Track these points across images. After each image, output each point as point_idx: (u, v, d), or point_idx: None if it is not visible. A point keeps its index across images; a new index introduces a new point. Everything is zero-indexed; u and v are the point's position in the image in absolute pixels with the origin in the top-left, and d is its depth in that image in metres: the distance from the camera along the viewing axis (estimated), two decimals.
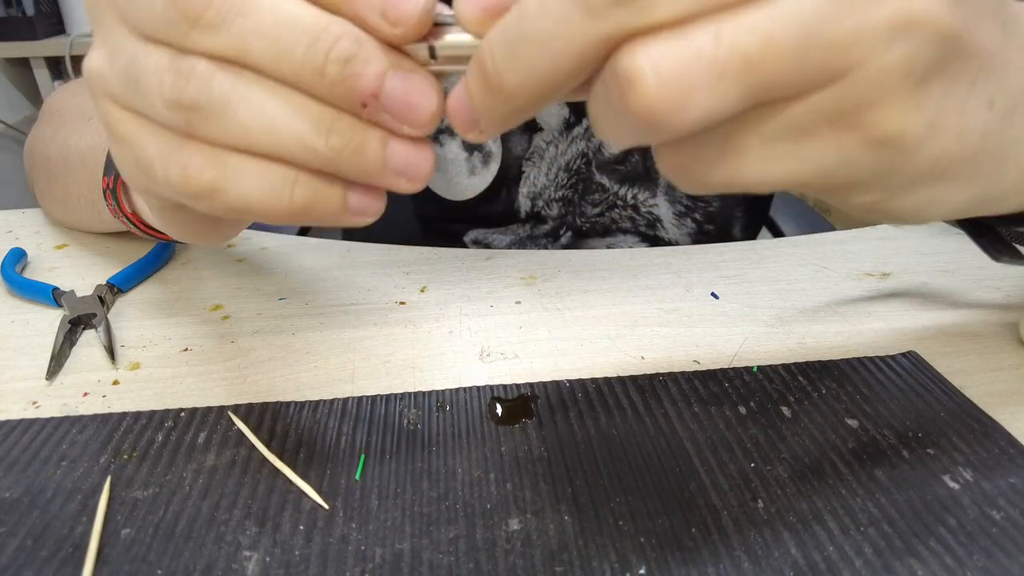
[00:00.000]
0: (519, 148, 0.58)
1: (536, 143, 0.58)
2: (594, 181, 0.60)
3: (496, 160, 0.58)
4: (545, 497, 0.27)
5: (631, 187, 0.60)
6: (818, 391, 0.34)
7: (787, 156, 0.18)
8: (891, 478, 0.28)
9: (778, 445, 0.30)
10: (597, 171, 0.60)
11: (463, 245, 0.64)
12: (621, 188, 0.60)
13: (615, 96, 0.17)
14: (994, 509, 0.27)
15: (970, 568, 0.24)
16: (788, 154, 0.18)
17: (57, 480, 0.28)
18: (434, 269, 0.46)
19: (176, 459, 0.29)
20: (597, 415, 0.32)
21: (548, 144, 0.58)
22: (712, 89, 0.16)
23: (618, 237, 0.63)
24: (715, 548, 0.25)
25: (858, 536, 0.26)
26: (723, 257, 0.48)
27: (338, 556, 0.25)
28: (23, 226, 0.52)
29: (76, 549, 0.25)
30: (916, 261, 0.47)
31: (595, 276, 0.46)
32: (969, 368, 0.36)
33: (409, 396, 0.33)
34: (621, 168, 0.59)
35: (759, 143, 0.18)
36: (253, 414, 0.32)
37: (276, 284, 0.44)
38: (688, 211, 0.61)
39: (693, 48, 0.16)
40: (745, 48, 0.16)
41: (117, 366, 0.36)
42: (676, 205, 0.61)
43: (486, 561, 0.25)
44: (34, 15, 1.60)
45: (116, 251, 0.48)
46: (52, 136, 0.47)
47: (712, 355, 0.37)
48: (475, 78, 0.18)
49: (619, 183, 0.60)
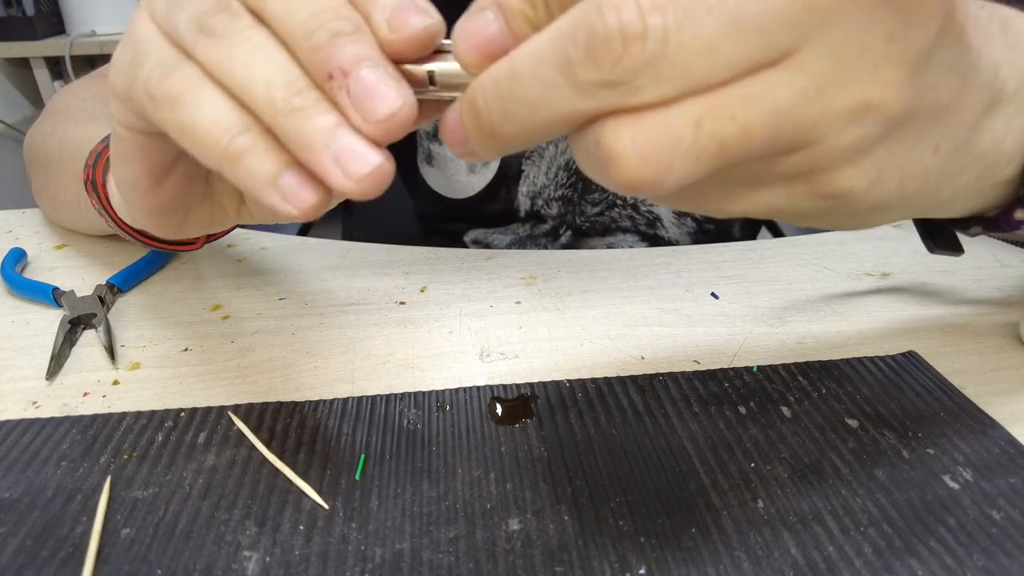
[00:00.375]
0: None
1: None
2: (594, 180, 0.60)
3: (496, 159, 0.58)
4: (545, 497, 0.27)
5: None
6: (818, 391, 0.34)
7: (745, 199, 0.20)
8: (891, 478, 0.28)
9: (778, 445, 0.30)
10: None
11: (463, 245, 0.64)
12: None
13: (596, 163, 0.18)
14: (994, 509, 0.27)
15: (970, 568, 0.24)
16: (746, 197, 0.20)
17: (57, 480, 0.28)
18: (434, 269, 0.46)
19: (176, 459, 0.29)
20: (597, 415, 0.32)
21: (548, 143, 0.58)
22: (688, 167, 0.17)
23: (618, 236, 0.63)
24: (715, 548, 0.25)
25: (858, 536, 0.26)
26: (723, 257, 0.48)
27: (338, 556, 0.25)
28: (23, 226, 0.52)
29: (76, 549, 0.25)
30: (916, 261, 0.47)
31: (595, 276, 0.46)
32: (969, 368, 0.36)
33: (409, 396, 0.33)
34: None
35: (719, 186, 0.20)
36: (253, 414, 0.32)
37: (276, 284, 0.44)
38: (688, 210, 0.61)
39: (674, 133, 0.17)
40: (723, 135, 0.17)
41: (117, 366, 0.36)
42: None
43: (486, 561, 0.25)
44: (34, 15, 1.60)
45: (116, 251, 0.48)
46: (52, 132, 0.47)
47: (712, 355, 0.37)
48: (469, 115, 0.19)
49: None
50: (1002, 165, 0.25)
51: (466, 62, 0.19)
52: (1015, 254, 0.48)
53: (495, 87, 0.18)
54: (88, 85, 0.54)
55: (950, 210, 0.27)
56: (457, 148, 0.20)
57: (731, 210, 0.21)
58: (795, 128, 0.17)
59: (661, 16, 0.16)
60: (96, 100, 0.50)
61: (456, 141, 0.20)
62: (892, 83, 0.18)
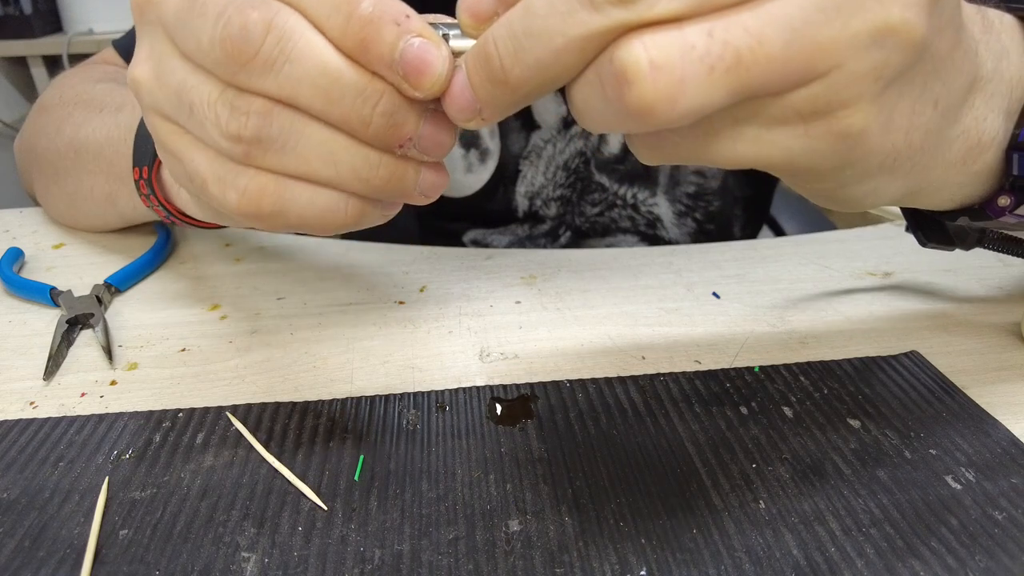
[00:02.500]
0: (516, 146, 0.58)
1: (534, 141, 0.57)
2: (593, 180, 0.60)
3: (494, 158, 0.58)
4: (545, 498, 0.27)
5: (631, 186, 0.60)
6: (820, 391, 0.33)
7: (757, 140, 0.19)
8: (893, 478, 0.28)
9: (780, 445, 0.30)
10: (596, 170, 0.59)
11: (462, 245, 0.64)
12: (620, 187, 0.60)
13: (609, 86, 0.18)
14: (996, 509, 0.27)
15: (972, 568, 0.24)
16: (758, 139, 0.19)
17: (55, 481, 0.28)
18: (433, 269, 0.46)
19: (174, 460, 0.29)
20: (597, 415, 0.32)
21: (546, 143, 0.58)
22: (702, 83, 0.17)
23: (618, 237, 0.63)
24: (716, 549, 0.25)
25: (860, 536, 0.25)
26: (724, 256, 0.48)
27: (337, 557, 0.25)
28: (20, 225, 0.52)
29: (74, 550, 0.25)
30: (918, 260, 0.47)
31: (595, 276, 0.45)
32: (971, 368, 0.35)
33: (408, 396, 0.33)
34: (620, 167, 0.59)
35: (732, 126, 0.19)
36: (251, 414, 0.32)
37: (274, 284, 0.44)
38: (688, 210, 0.61)
39: (687, 42, 0.17)
40: (736, 45, 0.17)
41: (115, 366, 0.35)
42: (676, 204, 0.61)
43: (486, 562, 0.25)
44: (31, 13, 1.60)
45: (114, 251, 0.47)
46: (58, 129, 0.46)
47: (713, 355, 0.37)
48: (479, 71, 0.19)
49: (618, 182, 0.60)
50: (984, 146, 0.25)
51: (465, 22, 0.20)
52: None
53: (507, 29, 0.18)
54: (79, 74, 0.53)
55: (942, 196, 0.27)
56: (463, 112, 0.21)
57: (742, 155, 0.20)
58: (812, 47, 0.17)
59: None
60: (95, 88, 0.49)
61: (462, 105, 0.21)
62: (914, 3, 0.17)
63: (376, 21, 0.20)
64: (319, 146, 0.22)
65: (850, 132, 0.19)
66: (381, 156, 0.23)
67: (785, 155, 0.20)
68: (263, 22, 0.20)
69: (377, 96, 0.21)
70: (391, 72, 0.21)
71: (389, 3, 0.20)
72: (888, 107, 0.19)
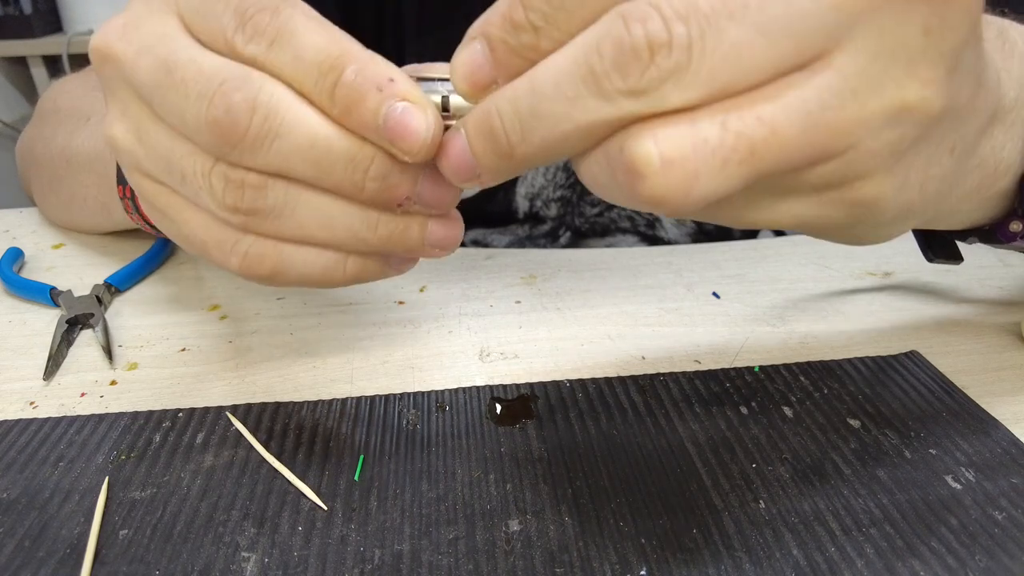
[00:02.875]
0: None
1: None
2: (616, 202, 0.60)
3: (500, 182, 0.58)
4: (545, 498, 0.27)
5: None
6: (820, 391, 0.33)
7: (770, 209, 0.19)
8: (893, 478, 0.28)
9: (780, 445, 0.30)
10: None
11: (462, 245, 0.64)
12: None
13: (619, 173, 0.17)
14: (996, 509, 0.27)
15: (972, 568, 0.24)
16: (771, 208, 0.19)
17: (55, 481, 0.28)
18: (433, 268, 0.46)
19: (174, 460, 0.29)
20: (597, 415, 0.32)
21: None
22: (716, 176, 0.16)
23: (617, 237, 0.63)
24: (716, 549, 0.25)
25: (860, 536, 0.25)
26: (724, 256, 0.48)
27: (337, 557, 0.25)
28: (20, 225, 0.52)
29: (74, 550, 0.25)
30: (918, 260, 0.47)
31: (595, 276, 0.45)
32: (971, 368, 0.35)
33: (408, 396, 0.33)
34: None
35: (744, 196, 0.19)
36: (251, 414, 0.32)
37: None
38: None
39: (700, 136, 0.16)
40: (751, 136, 0.16)
41: (115, 366, 0.35)
42: None
43: (486, 562, 0.25)
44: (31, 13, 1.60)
45: (114, 251, 0.47)
46: (52, 136, 0.46)
47: (713, 355, 0.37)
48: (483, 142, 0.19)
49: None
50: (1000, 174, 0.25)
51: (463, 91, 0.19)
52: (1017, 254, 0.48)
53: (512, 106, 0.18)
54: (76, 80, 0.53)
55: (952, 221, 0.27)
56: (462, 174, 0.20)
57: (756, 221, 0.20)
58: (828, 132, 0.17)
59: (685, 25, 0.16)
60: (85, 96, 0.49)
61: (462, 168, 0.20)
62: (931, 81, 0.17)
63: (359, 88, 0.20)
64: (315, 212, 0.22)
65: (864, 200, 0.19)
66: (379, 216, 0.23)
67: (797, 221, 0.20)
68: (247, 102, 0.20)
69: (368, 161, 0.21)
70: (377, 137, 0.21)
71: (373, 68, 0.20)
72: (903, 171, 0.19)
